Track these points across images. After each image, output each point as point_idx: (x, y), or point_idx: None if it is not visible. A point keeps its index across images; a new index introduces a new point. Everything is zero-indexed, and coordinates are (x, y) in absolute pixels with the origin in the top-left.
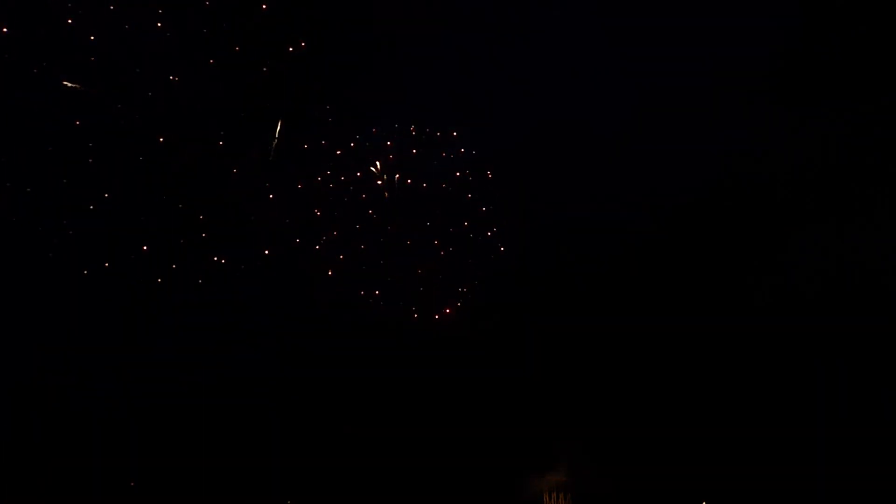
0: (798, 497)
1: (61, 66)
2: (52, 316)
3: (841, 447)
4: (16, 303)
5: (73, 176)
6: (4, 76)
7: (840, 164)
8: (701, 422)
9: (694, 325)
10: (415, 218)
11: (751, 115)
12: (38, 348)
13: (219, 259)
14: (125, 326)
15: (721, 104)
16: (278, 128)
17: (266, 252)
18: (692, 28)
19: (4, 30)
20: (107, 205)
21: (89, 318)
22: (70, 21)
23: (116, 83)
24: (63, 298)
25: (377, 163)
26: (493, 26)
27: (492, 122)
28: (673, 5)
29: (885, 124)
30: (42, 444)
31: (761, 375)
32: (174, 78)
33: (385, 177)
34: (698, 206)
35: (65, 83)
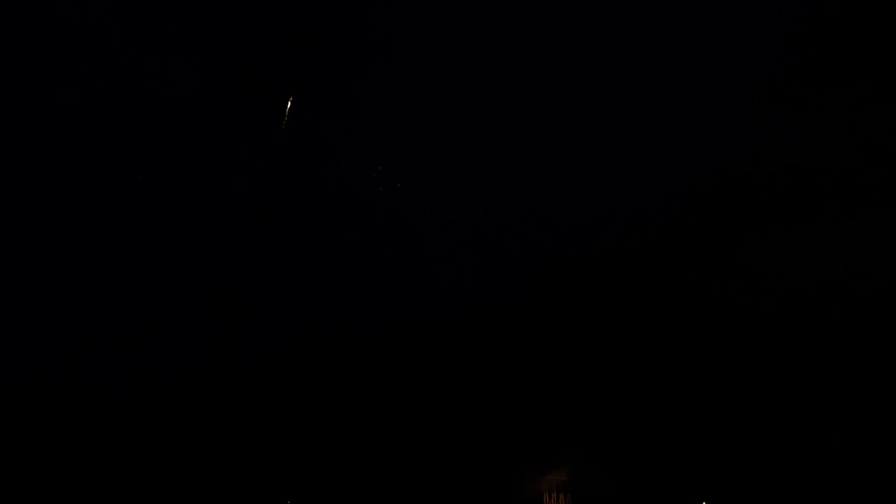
0: (798, 497)
1: (61, 68)
2: (52, 315)
3: (841, 447)
4: (15, 302)
5: (72, 174)
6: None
7: (840, 165)
8: (701, 421)
9: (693, 324)
10: (415, 218)
11: (751, 115)
12: (37, 348)
13: (218, 257)
14: (125, 326)
15: (721, 104)
16: (287, 108)
17: (265, 252)
18: (692, 27)
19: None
20: (107, 203)
21: (89, 318)
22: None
23: (115, 84)
24: (63, 298)
25: (378, 167)
26: (494, 25)
27: (492, 122)
28: (674, 5)
29: (885, 124)
30: (42, 444)
31: (761, 375)
32: (173, 78)
33: (386, 180)
34: (697, 206)
35: (68, 91)
